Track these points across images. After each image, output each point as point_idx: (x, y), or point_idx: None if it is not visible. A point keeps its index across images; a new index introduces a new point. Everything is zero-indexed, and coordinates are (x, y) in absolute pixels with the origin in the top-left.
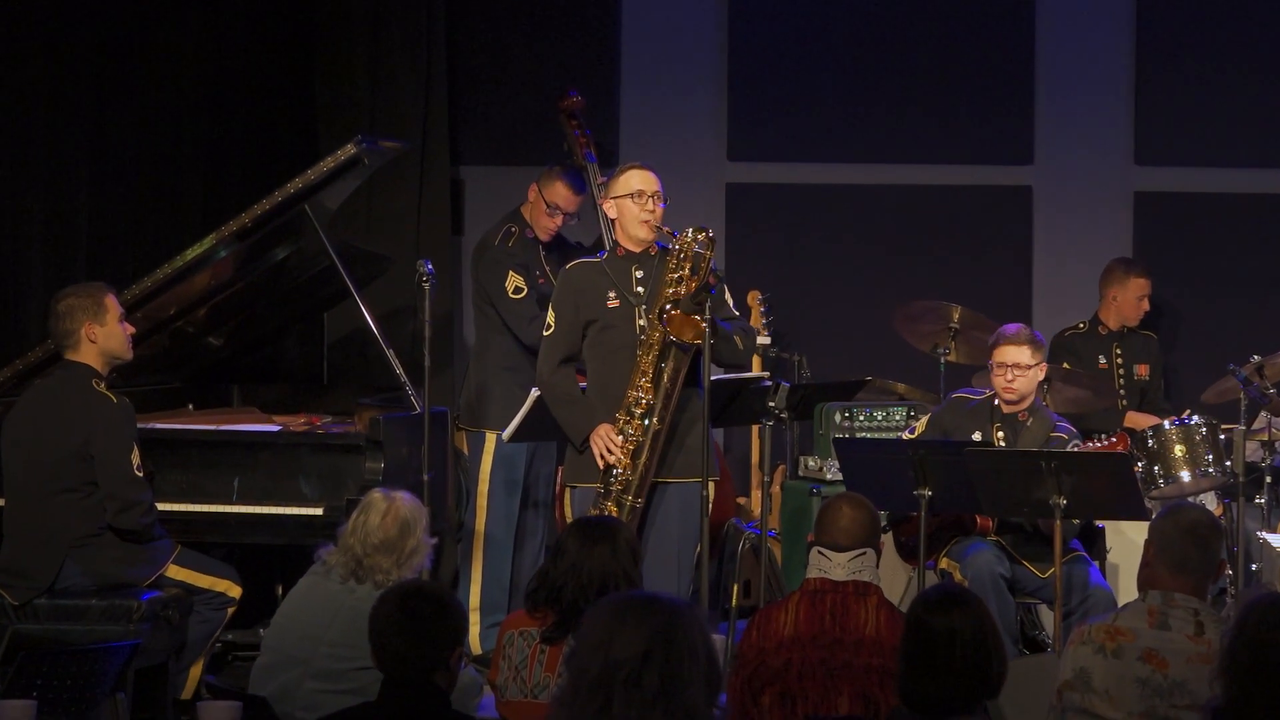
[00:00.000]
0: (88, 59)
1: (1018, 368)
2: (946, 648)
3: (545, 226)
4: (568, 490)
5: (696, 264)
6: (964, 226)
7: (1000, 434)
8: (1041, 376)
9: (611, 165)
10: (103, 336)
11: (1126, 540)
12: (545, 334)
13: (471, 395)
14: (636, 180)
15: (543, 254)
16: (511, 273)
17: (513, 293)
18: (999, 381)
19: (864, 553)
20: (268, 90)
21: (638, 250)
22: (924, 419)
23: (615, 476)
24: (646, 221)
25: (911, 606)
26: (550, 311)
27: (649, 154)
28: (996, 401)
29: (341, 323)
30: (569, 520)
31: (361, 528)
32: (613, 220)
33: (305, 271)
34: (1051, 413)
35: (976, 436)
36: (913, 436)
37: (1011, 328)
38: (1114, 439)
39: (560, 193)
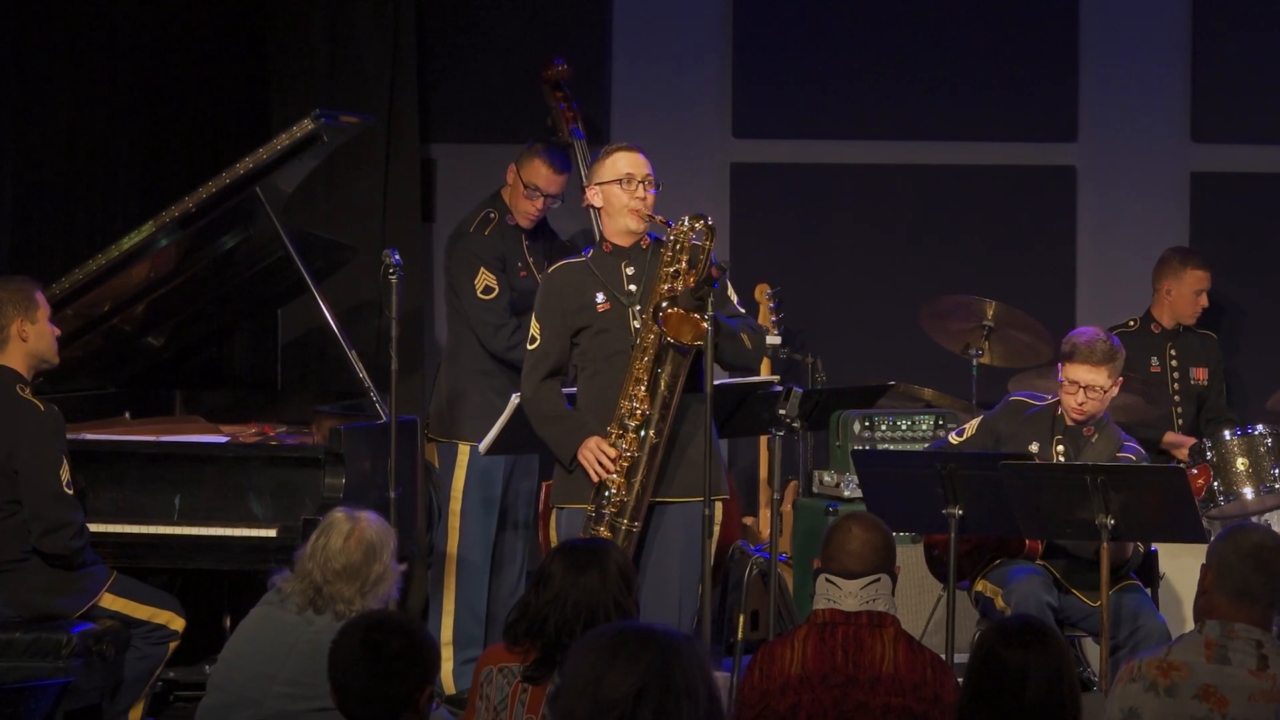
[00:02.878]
0: (7, 21)
1: (1092, 390)
2: (1017, 686)
3: (525, 211)
4: (554, 512)
5: (694, 256)
6: (999, 211)
7: (1061, 448)
8: (1115, 394)
9: (602, 142)
10: (34, 336)
11: (1182, 565)
12: (530, 348)
13: (443, 402)
14: (623, 163)
15: (525, 243)
16: (483, 270)
17: (482, 292)
18: (1069, 400)
19: (878, 579)
20: (214, 59)
21: (627, 244)
22: (974, 421)
23: (608, 497)
24: (636, 210)
25: (984, 634)
26: (534, 322)
27: (643, 129)
28: (1060, 411)
29: (298, 320)
30: (554, 545)
31: (321, 551)
32: (598, 210)
33: (256, 263)
34: (1119, 429)
35: (1033, 448)
36: (960, 440)
37: (1087, 338)
38: (1195, 470)
39: (539, 172)
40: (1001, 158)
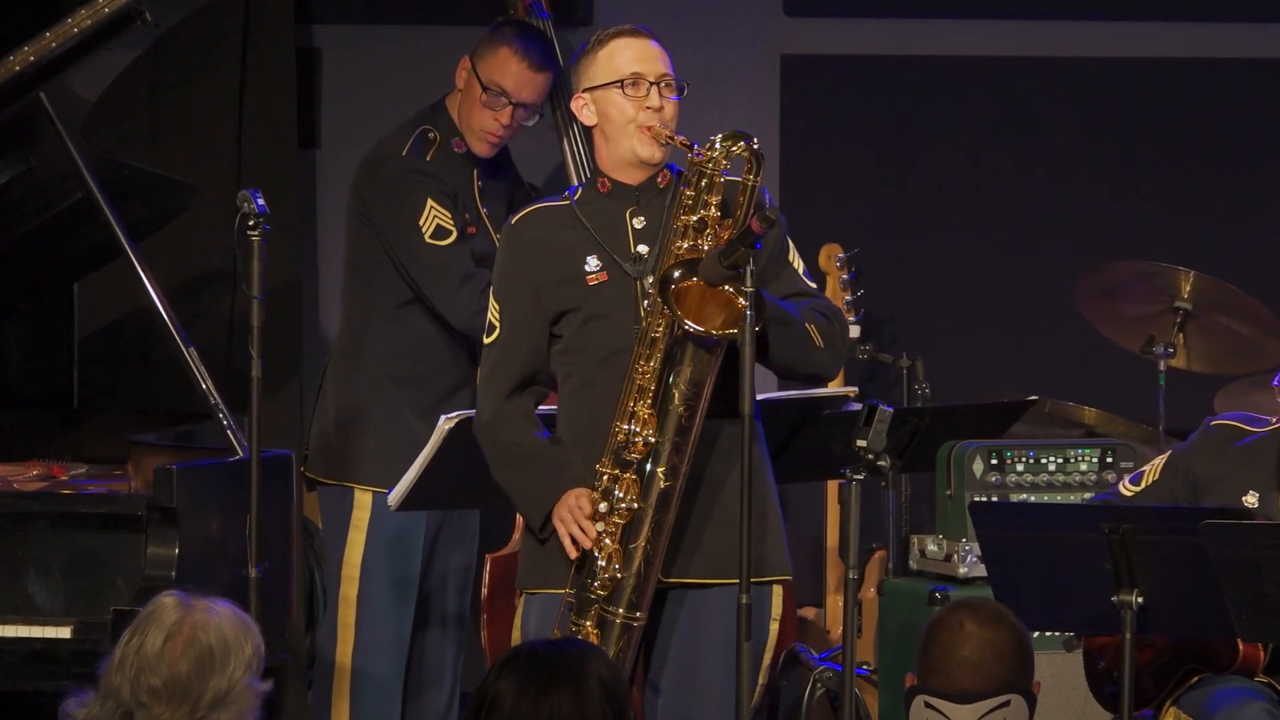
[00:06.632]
0: None
1: None
2: None
3: (483, 128)
4: (522, 600)
5: (730, 198)
6: (1197, 131)
7: None
8: None
9: (581, 24)
10: None
11: None
12: (486, 341)
13: (330, 426)
14: (626, 56)
15: (479, 181)
16: (431, 203)
17: (432, 235)
18: None
19: (1005, 703)
20: None
21: (635, 181)
22: (1159, 460)
23: (595, 574)
24: (649, 128)
25: None
26: (491, 304)
27: (650, 8)
28: None
29: (105, 301)
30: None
31: (133, 657)
32: (589, 130)
33: (40, 210)
34: None
35: (1250, 500)
36: (1136, 490)
37: None
38: None
39: (507, 67)
40: (1199, 46)
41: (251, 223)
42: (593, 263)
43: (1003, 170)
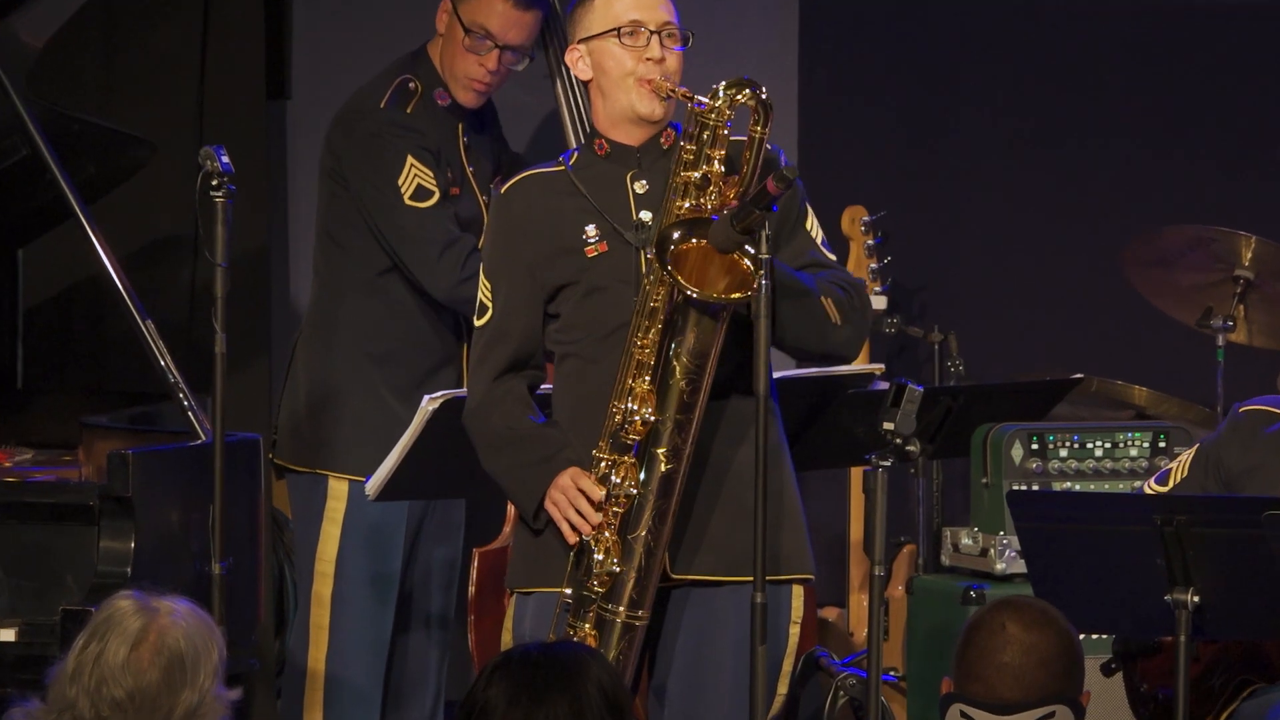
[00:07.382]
0: None
1: None
2: None
3: (468, 75)
4: (513, 600)
5: (737, 154)
6: (1254, 84)
7: None
8: None
9: None
10: None
11: None
12: (478, 323)
13: (301, 408)
14: (627, 3)
15: (464, 137)
16: (412, 160)
17: (412, 196)
18: None
19: (1050, 714)
20: None
21: (636, 141)
22: (1186, 454)
23: (592, 569)
24: (649, 81)
25: None
26: (481, 281)
27: None
28: None
29: (53, 270)
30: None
31: (92, 667)
32: (584, 84)
33: None
34: None
35: None
36: (1163, 490)
37: None
38: None
39: (492, 6)
40: None
41: (215, 182)
42: (591, 232)
43: (1044, 126)
